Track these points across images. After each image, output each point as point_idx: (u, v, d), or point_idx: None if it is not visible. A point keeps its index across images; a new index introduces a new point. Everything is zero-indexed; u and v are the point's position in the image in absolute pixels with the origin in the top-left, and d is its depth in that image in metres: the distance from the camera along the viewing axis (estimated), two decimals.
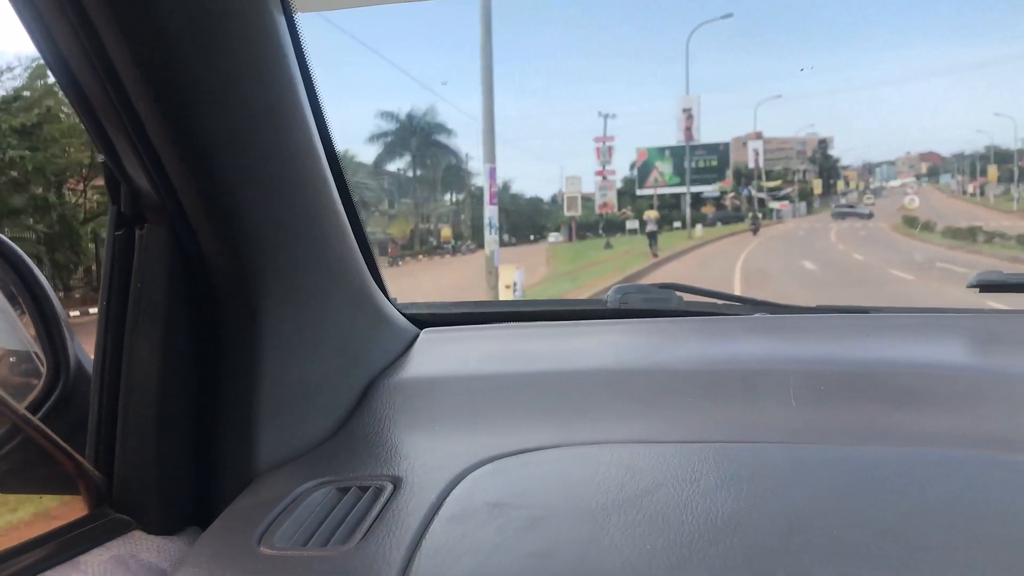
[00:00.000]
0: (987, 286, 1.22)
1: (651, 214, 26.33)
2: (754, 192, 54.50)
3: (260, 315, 0.81)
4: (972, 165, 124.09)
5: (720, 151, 53.53)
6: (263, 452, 0.83)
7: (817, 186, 70.59)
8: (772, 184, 61.08)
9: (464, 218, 45.33)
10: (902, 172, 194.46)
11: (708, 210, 56.96)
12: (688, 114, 41.81)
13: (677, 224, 50.71)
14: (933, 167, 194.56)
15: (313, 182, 0.85)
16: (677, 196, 57.42)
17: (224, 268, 0.80)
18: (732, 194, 58.97)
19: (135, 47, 0.66)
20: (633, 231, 43.56)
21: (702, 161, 54.73)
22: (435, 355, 1.10)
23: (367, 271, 1.00)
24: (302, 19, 0.81)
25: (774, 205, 56.97)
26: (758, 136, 49.46)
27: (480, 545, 0.64)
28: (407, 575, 0.62)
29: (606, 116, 47.68)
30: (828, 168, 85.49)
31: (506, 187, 52.29)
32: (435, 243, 38.92)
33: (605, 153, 29.52)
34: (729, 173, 53.99)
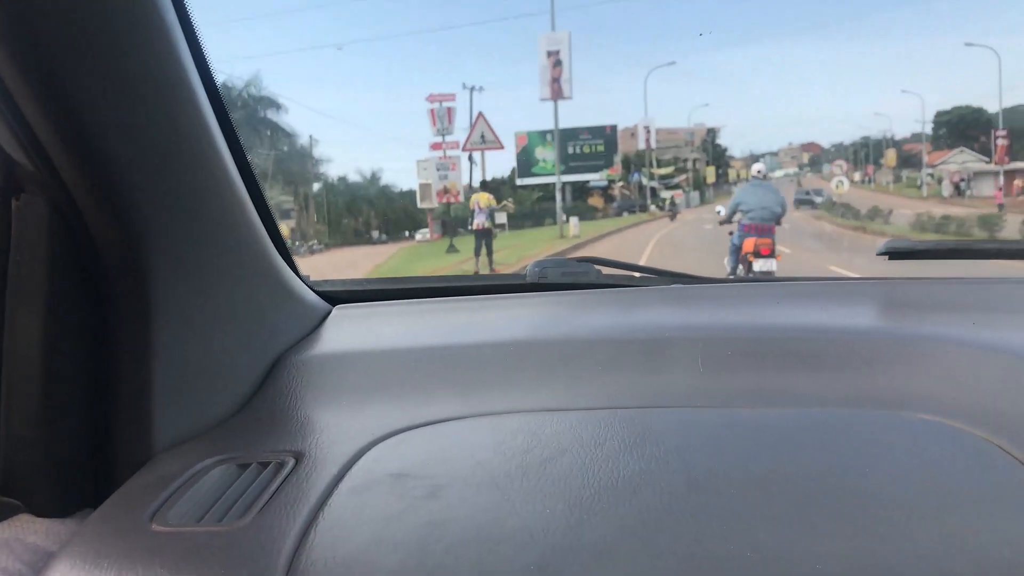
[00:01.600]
0: (896, 253, 1.25)
1: (482, 199, 15.02)
2: (645, 180, 49.54)
3: (154, 291, 0.79)
4: (855, 154, 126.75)
5: (607, 135, 47.96)
6: (162, 431, 0.80)
7: (710, 174, 66.80)
8: (664, 171, 56.24)
9: (311, 213, 37.95)
10: (785, 162, 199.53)
11: (596, 201, 51.57)
12: (555, 59, 29.19)
13: (562, 217, 45.33)
14: (814, 157, 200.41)
15: (207, 154, 0.82)
16: (562, 185, 52.08)
17: (113, 242, 0.77)
18: (621, 183, 53.86)
19: None
20: (501, 226, 37.61)
21: (587, 146, 49.16)
22: (346, 331, 1.08)
23: (272, 247, 0.97)
24: None
25: (667, 194, 52.05)
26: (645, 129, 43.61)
27: (379, 515, 0.64)
28: (303, 547, 0.61)
29: (472, 89, 41.71)
30: (718, 157, 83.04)
31: (375, 178, 45.46)
32: None
33: (443, 118, 19.04)
34: (617, 159, 48.47)
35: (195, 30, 0.80)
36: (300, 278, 1.09)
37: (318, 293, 1.16)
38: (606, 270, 1.34)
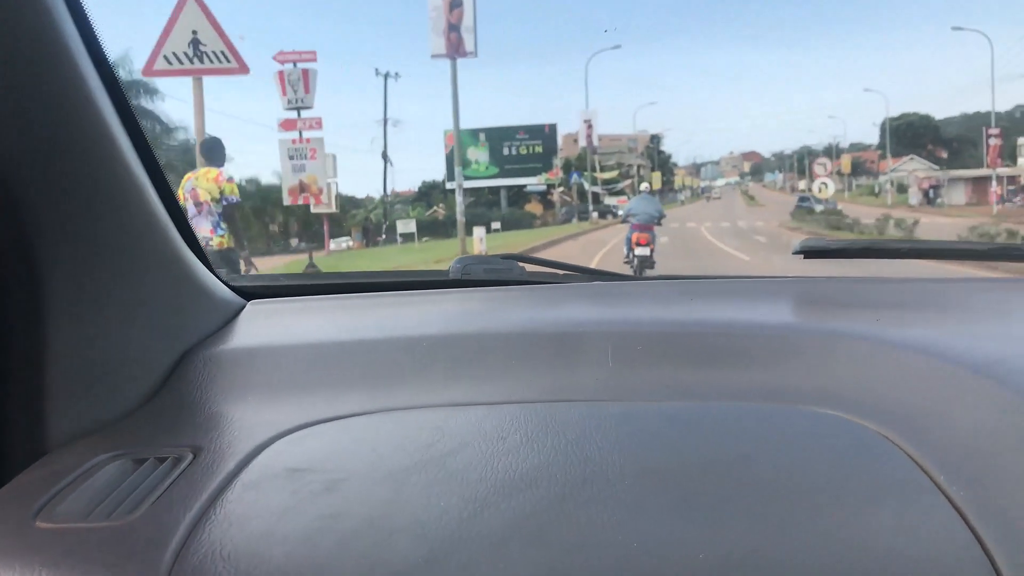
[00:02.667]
0: (810, 252, 1.28)
1: (202, 182, 6.01)
2: (587, 184, 45.07)
3: (48, 283, 0.77)
4: (797, 163, 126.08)
5: (545, 135, 43.35)
6: (57, 426, 0.78)
7: (656, 180, 62.92)
8: (608, 175, 51.87)
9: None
10: (727, 171, 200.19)
11: (535, 207, 46.89)
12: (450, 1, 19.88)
13: (496, 226, 40.48)
14: (756, 166, 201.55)
15: (103, 143, 0.79)
16: (496, 191, 47.12)
17: (2, 233, 0.75)
18: (561, 188, 49.37)
19: None
20: (409, 236, 32.59)
21: (523, 147, 44.40)
22: (259, 327, 1.05)
23: (179, 239, 0.95)
24: None
25: (611, 200, 47.58)
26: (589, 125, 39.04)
27: (272, 509, 0.64)
28: (191, 541, 0.61)
29: (386, 75, 36.53)
30: (663, 164, 79.74)
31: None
32: None
33: (296, 84, 11.12)
34: (557, 162, 43.75)
35: (85, 13, 0.76)
36: (213, 273, 1.06)
37: (232, 288, 1.12)
38: (530, 267, 1.35)
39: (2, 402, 0.77)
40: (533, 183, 43.99)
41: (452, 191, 48.38)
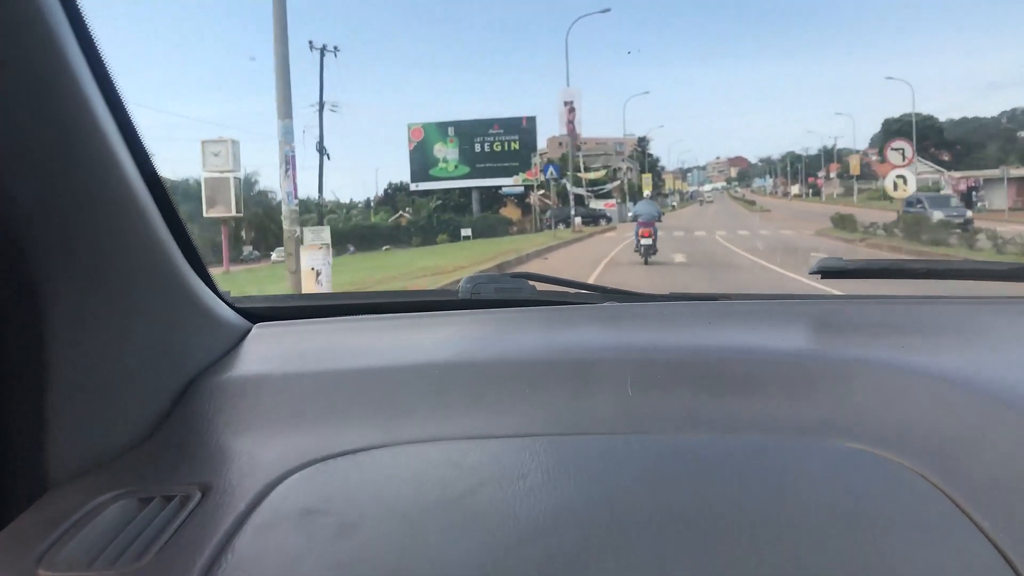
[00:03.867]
0: (828, 272, 1.30)
1: None
2: (571, 186, 39.80)
3: (48, 310, 0.75)
4: (788, 167, 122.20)
5: (523, 129, 38.09)
6: (58, 462, 0.75)
7: (647, 183, 57.70)
8: (594, 175, 46.52)
9: None
10: (713, 176, 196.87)
11: (511, 212, 41.56)
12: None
13: (466, 233, 35.20)
14: (742, 171, 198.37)
15: (104, 160, 0.76)
16: (467, 192, 41.81)
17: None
18: (542, 192, 44.11)
19: None
20: (346, 249, 27.13)
21: (498, 143, 39.14)
22: (266, 351, 1.03)
23: (183, 260, 0.92)
24: None
25: (598, 204, 42.29)
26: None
27: (285, 556, 0.62)
28: None
29: (322, 50, 30.89)
30: (651, 167, 74.91)
31: (249, 182, 34.09)
32: None
33: None
34: (536, 160, 38.38)
35: (85, 22, 0.73)
36: (218, 294, 1.03)
37: (237, 310, 1.10)
38: (541, 285, 1.33)
39: (4, 437, 0.75)
40: (509, 184, 38.67)
41: (417, 193, 43.15)
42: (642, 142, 72.61)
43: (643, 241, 14.13)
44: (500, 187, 39.63)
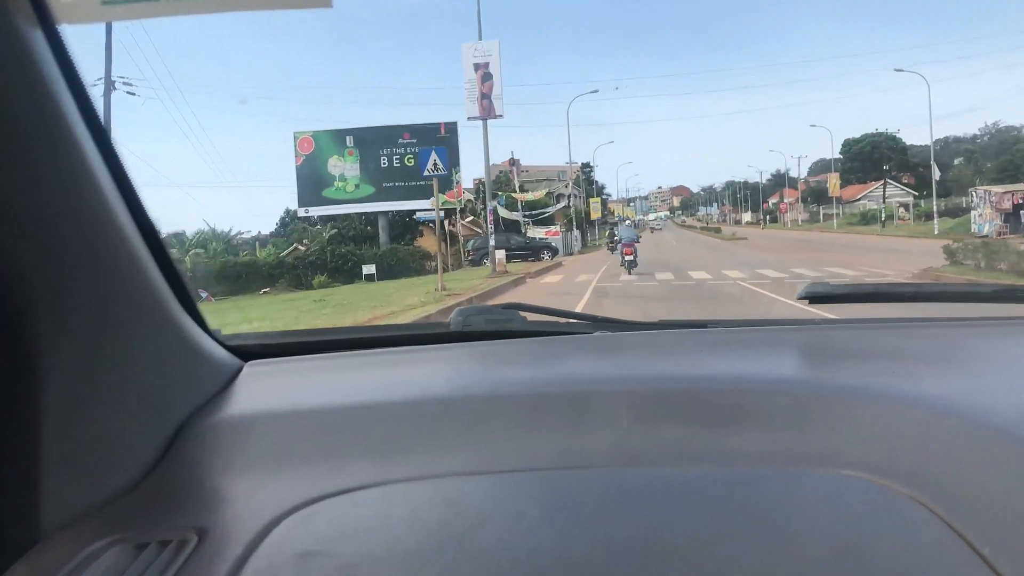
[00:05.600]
0: (815, 297, 1.32)
1: None
2: (503, 210, 31.82)
3: (40, 357, 0.74)
4: (733, 195, 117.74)
5: (442, 138, 29.81)
6: (51, 510, 0.74)
7: (595, 208, 50.13)
8: (533, 197, 38.10)
9: None
10: (657, 205, 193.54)
11: (428, 242, 33.14)
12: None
13: (368, 271, 26.65)
14: (685, 200, 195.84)
15: (91, 198, 0.75)
16: (373, 218, 33.39)
17: None
18: (471, 218, 35.86)
19: None
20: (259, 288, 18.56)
21: (410, 156, 30.89)
22: (258, 390, 1.02)
23: (174, 300, 0.91)
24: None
25: (537, 233, 34.09)
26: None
27: None
28: None
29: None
30: (597, 192, 67.96)
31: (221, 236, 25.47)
32: None
33: None
34: (457, 178, 30.09)
35: (78, 73, 0.74)
36: (208, 332, 1.02)
37: (229, 348, 1.09)
38: (531, 316, 1.33)
39: None
40: (426, 208, 30.31)
41: (306, 220, 34.40)
42: (586, 167, 65.44)
43: (627, 258, 18.33)
44: (414, 211, 31.22)
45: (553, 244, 30.57)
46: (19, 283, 0.69)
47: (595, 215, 50.37)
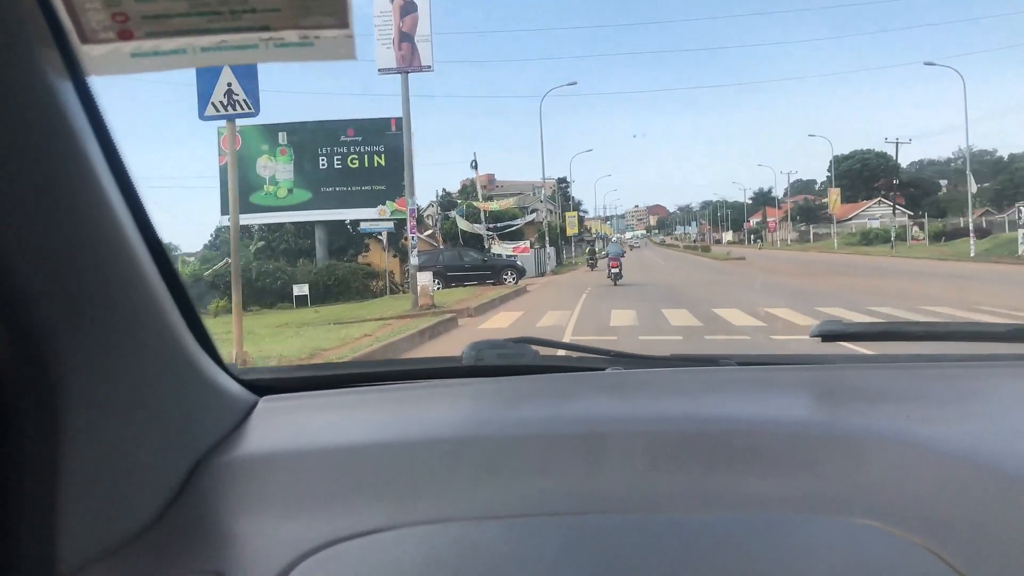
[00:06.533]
0: (828, 336, 1.35)
1: None
2: (463, 222, 27.08)
3: (56, 398, 0.73)
4: (712, 214, 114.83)
5: (391, 135, 25.25)
6: (65, 555, 0.74)
7: (571, 223, 45.62)
8: (499, 207, 32.90)
9: None
10: (634, 224, 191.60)
11: (376, 258, 28.29)
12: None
13: (300, 292, 21.84)
14: (662, 219, 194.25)
15: (111, 235, 0.74)
16: (310, 228, 28.64)
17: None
18: (430, 231, 31.20)
19: None
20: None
21: (354, 157, 26.22)
22: (273, 426, 1.02)
23: (189, 334, 0.90)
24: None
25: (503, 249, 29.29)
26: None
27: None
28: None
29: None
30: (574, 208, 63.91)
31: None
32: None
33: None
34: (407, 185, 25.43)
35: (97, 104, 0.74)
36: (223, 366, 1.02)
37: (243, 382, 1.09)
38: (543, 350, 1.32)
39: (10, 529, 0.72)
40: (372, 218, 25.73)
41: (247, 230, 29.55)
42: (562, 181, 61.31)
43: (612, 270, 20.93)
44: (359, 222, 26.50)
45: (519, 263, 25.73)
46: (35, 324, 0.68)
47: (571, 231, 45.90)
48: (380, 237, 26.05)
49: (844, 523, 0.71)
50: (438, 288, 19.96)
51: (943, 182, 66.51)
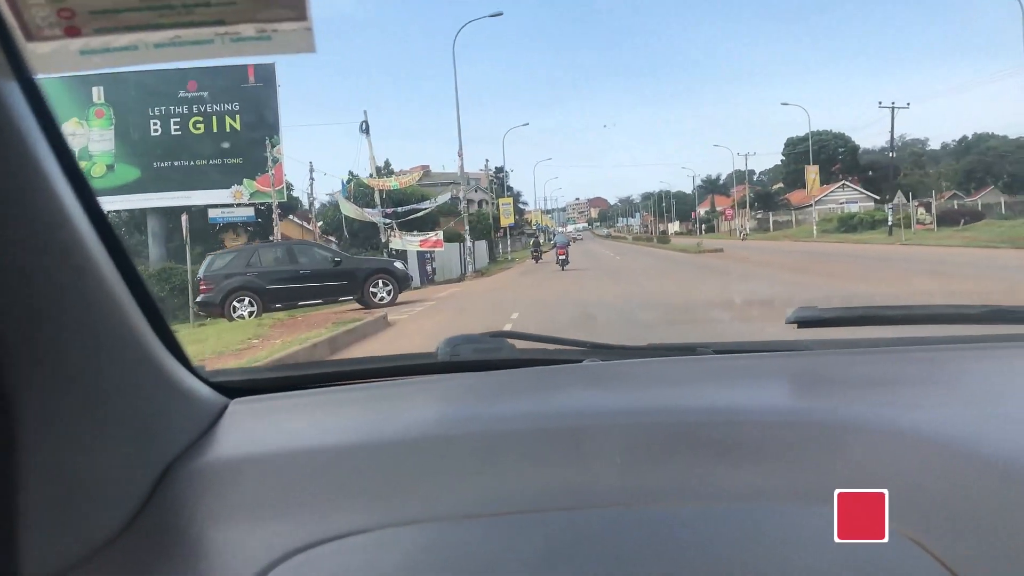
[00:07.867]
0: (804, 322, 1.35)
1: None
2: (350, 206, 20.10)
3: (14, 403, 0.71)
4: (656, 204, 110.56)
5: (250, 89, 18.50)
6: (30, 568, 0.71)
7: (506, 211, 39.18)
8: (397, 183, 24.07)
9: None
10: (576, 217, 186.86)
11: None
12: None
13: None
14: (603, 212, 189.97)
15: (65, 233, 0.72)
16: (141, 219, 21.48)
17: None
18: (319, 223, 24.30)
19: None
20: None
21: (198, 120, 19.36)
22: (245, 429, 1.00)
23: (152, 335, 0.88)
24: None
25: (404, 243, 22.04)
26: None
27: None
28: None
29: None
30: (513, 198, 57.88)
31: None
32: None
33: None
34: (277, 155, 18.56)
35: (56, 123, 0.74)
36: (190, 368, 1.00)
37: (212, 385, 1.07)
38: (520, 343, 1.32)
39: None
40: (225, 203, 18.92)
41: None
42: (500, 170, 54.98)
43: (560, 257, 24.08)
44: (207, 208, 19.58)
45: (399, 266, 16.05)
46: None
47: (506, 220, 39.41)
48: (237, 227, 19.25)
49: (825, 512, 0.70)
50: (251, 314, 13.01)
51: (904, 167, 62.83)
